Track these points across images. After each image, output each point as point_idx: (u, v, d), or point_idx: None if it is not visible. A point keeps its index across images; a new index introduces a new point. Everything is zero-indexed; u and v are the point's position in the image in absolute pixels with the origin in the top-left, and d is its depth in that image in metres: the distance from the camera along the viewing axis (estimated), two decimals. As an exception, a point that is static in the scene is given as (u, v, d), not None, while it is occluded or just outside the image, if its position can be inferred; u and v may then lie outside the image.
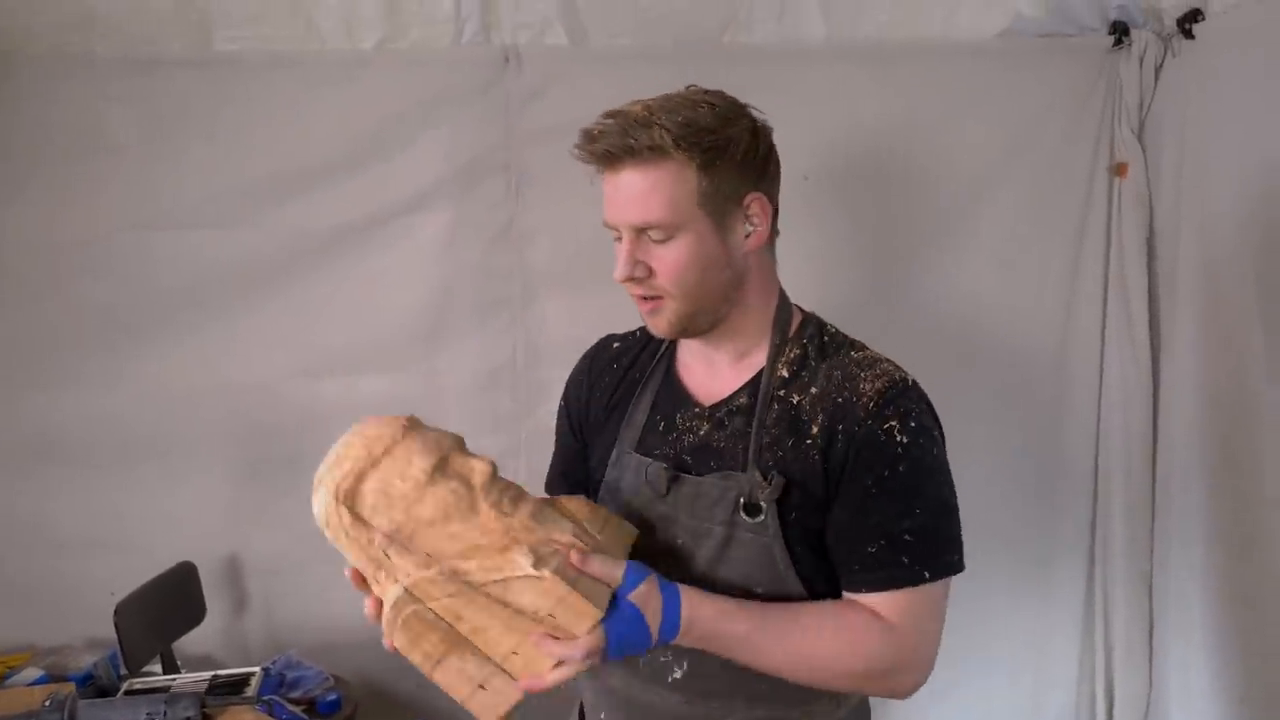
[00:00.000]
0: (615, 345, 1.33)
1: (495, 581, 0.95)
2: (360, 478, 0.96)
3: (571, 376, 1.36)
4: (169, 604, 1.96)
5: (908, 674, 1.08)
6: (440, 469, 0.98)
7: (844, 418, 1.06)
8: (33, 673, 1.88)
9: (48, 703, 1.42)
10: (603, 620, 0.97)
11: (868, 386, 1.07)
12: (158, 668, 1.92)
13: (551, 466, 1.39)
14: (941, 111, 2.03)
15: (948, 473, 1.09)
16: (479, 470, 1.00)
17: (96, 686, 1.85)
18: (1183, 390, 1.98)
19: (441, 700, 2.10)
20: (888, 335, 1.24)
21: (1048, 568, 2.22)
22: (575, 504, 1.08)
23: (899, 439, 1.04)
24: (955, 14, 2.01)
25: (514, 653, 0.97)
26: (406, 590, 0.96)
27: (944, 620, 1.09)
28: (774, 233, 1.17)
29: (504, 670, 0.98)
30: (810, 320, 1.20)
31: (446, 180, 2.00)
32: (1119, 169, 2.08)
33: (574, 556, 0.98)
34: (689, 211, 1.06)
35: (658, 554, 1.13)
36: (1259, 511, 1.76)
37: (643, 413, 1.22)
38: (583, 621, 0.96)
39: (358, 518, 0.96)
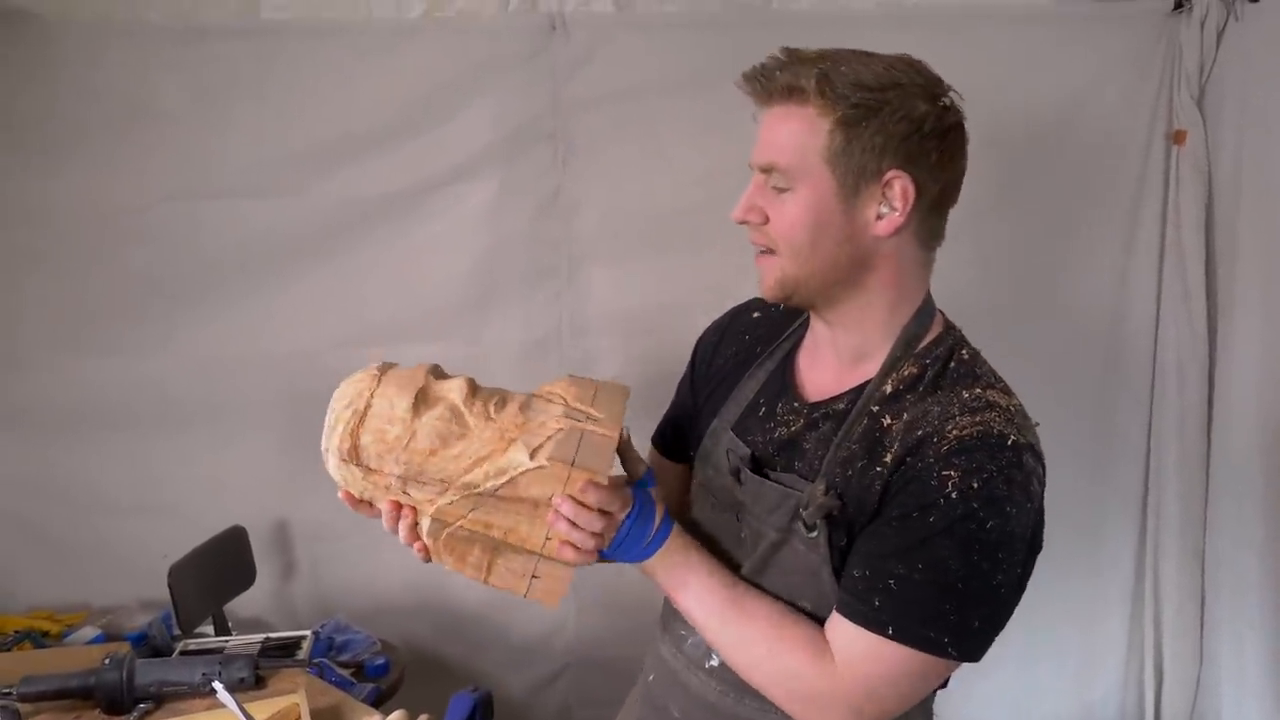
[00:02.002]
0: (755, 314, 1.26)
1: (504, 483, 1.01)
2: (355, 435, 1.03)
3: (707, 330, 1.32)
4: (221, 567, 1.99)
5: (832, 711, 1.00)
6: (422, 401, 1.04)
7: (916, 453, 0.97)
8: (89, 631, 1.93)
9: (107, 661, 1.44)
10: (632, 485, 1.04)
11: (954, 431, 0.96)
12: (210, 629, 1.95)
13: (665, 415, 1.36)
14: (994, 78, 1.97)
15: (998, 558, 0.94)
16: (456, 388, 1.06)
17: (151, 646, 1.88)
18: (1241, 361, 1.94)
19: (487, 664, 2.16)
20: (939, 304, 1.21)
21: (1096, 541, 2.19)
22: (560, 386, 1.11)
23: (948, 491, 0.93)
24: (1010, -24, 1.96)
25: (547, 539, 1.02)
26: (433, 519, 1.02)
27: (903, 692, 1.00)
28: (932, 234, 1.06)
29: (546, 557, 1.03)
30: (946, 338, 1.08)
31: (493, 149, 1.99)
32: (1177, 136, 2.03)
33: (579, 488, 1.00)
34: (813, 164, 0.99)
35: (726, 538, 1.12)
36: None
37: (750, 391, 1.18)
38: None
39: (368, 469, 1.03)
